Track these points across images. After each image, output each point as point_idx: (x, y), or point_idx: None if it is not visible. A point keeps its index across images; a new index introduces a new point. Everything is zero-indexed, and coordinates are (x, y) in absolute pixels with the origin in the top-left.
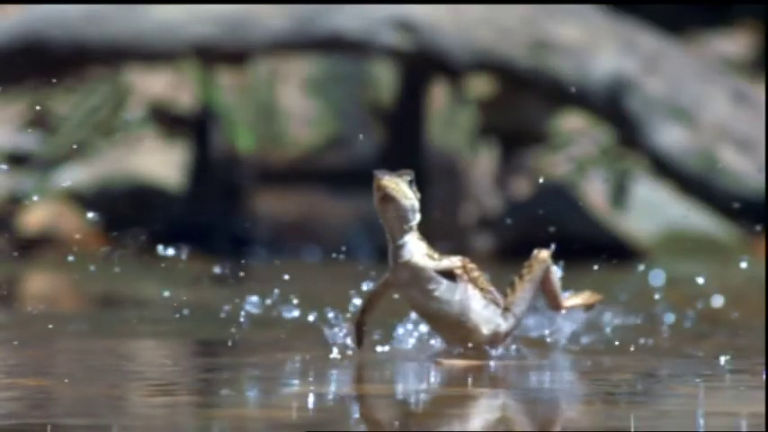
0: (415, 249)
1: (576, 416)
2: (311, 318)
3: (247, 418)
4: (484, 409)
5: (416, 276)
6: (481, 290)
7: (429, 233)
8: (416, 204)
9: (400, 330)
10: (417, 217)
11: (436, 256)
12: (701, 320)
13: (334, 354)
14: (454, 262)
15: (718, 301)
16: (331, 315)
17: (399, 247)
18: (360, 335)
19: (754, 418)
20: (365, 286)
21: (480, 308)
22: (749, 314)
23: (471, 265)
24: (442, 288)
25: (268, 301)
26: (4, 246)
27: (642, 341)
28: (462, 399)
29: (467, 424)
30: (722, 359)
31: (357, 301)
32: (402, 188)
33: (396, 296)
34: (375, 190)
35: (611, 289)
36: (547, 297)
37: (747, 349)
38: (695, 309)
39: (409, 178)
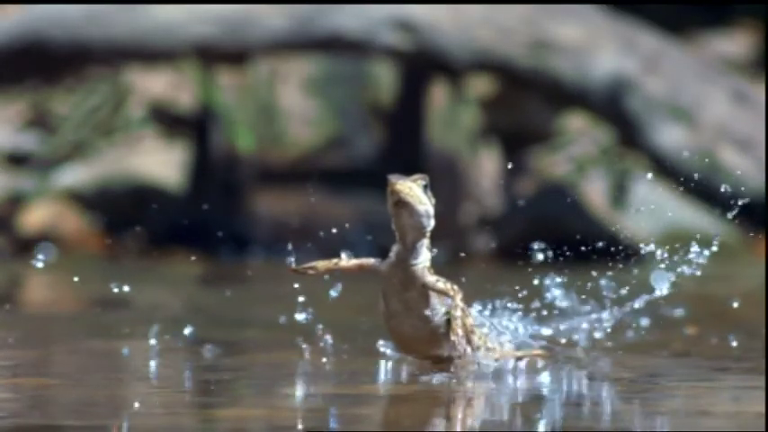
0: (422, 258)
1: (575, 416)
2: (309, 318)
3: (247, 418)
4: (481, 409)
5: (408, 283)
6: (454, 320)
7: (429, 233)
8: (431, 210)
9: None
10: (432, 223)
11: (433, 272)
12: (700, 320)
13: (333, 354)
14: (447, 288)
15: (717, 300)
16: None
17: (407, 251)
18: (302, 271)
19: (754, 418)
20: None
21: (444, 332)
22: (749, 314)
23: (460, 306)
24: (423, 301)
25: (267, 302)
26: (4, 246)
27: (642, 341)
28: (460, 398)
29: (464, 424)
30: (722, 359)
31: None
32: (417, 193)
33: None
34: (389, 195)
35: (610, 289)
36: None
37: (747, 349)
38: (695, 309)
39: (424, 183)
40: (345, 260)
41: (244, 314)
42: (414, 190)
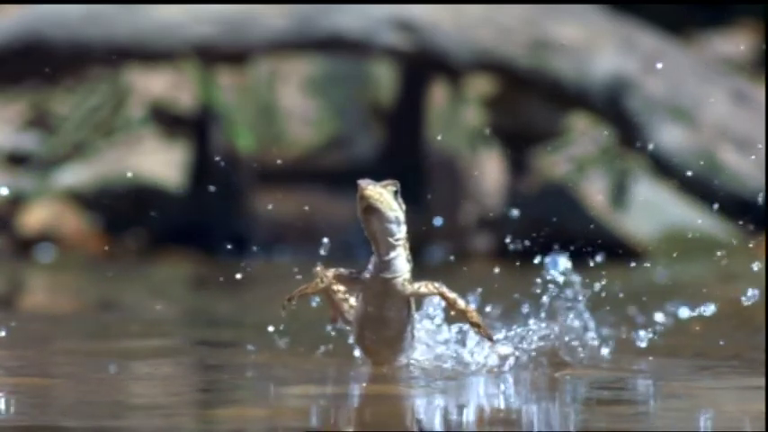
0: (400, 270)
1: (575, 416)
2: (308, 319)
3: (247, 418)
4: (487, 407)
5: (387, 297)
6: (465, 313)
7: (429, 233)
8: (402, 217)
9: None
10: (403, 230)
11: (412, 281)
12: (700, 320)
13: (332, 355)
14: (431, 289)
15: (716, 301)
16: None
17: (384, 263)
18: (297, 295)
19: (754, 419)
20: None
21: (409, 340)
22: (749, 314)
23: (452, 295)
24: (398, 315)
25: (266, 302)
26: (4, 246)
27: (642, 341)
28: (465, 396)
29: (470, 423)
30: (723, 359)
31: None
32: (386, 199)
33: None
34: (358, 200)
35: (610, 289)
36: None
37: (747, 349)
38: (694, 309)
39: (395, 189)
40: (322, 270)
41: (243, 314)
42: (384, 196)
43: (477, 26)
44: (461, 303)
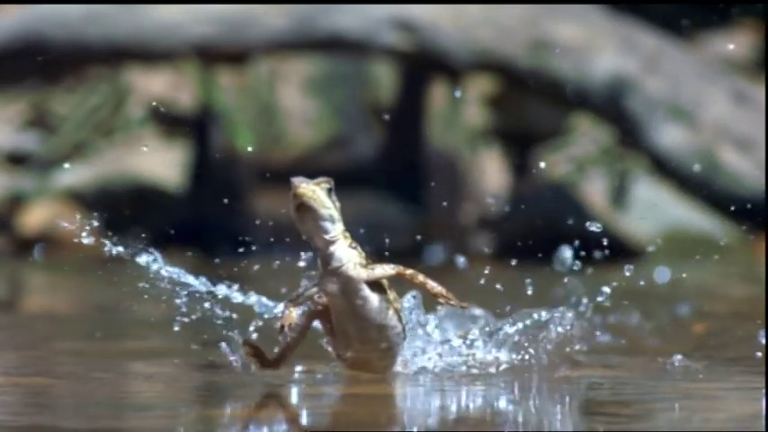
0: (346, 257)
1: (575, 415)
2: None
3: (248, 418)
4: (486, 407)
5: (344, 286)
6: (425, 285)
7: (429, 233)
8: (336, 214)
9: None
10: (338, 227)
11: (368, 264)
12: (700, 321)
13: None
14: (387, 270)
15: (716, 300)
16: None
17: (327, 256)
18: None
19: (754, 419)
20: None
21: (398, 332)
22: (749, 314)
23: (409, 271)
24: (369, 303)
25: (267, 302)
26: (4, 246)
27: (641, 341)
28: (468, 394)
29: (468, 423)
30: (722, 359)
31: None
32: (320, 197)
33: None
34: (291, 198)
35: (610, 289)
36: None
37: (747, 349)
38: (694, 308)
39: (328, 186)
40: (297, 304)
41: (241, 314)
42: (317, 194)
43: (477, 26)
44: (420, 278)
